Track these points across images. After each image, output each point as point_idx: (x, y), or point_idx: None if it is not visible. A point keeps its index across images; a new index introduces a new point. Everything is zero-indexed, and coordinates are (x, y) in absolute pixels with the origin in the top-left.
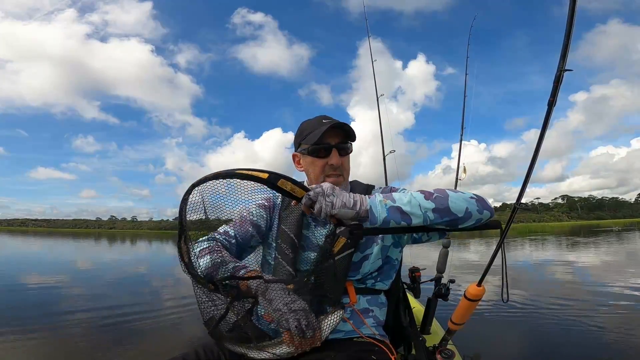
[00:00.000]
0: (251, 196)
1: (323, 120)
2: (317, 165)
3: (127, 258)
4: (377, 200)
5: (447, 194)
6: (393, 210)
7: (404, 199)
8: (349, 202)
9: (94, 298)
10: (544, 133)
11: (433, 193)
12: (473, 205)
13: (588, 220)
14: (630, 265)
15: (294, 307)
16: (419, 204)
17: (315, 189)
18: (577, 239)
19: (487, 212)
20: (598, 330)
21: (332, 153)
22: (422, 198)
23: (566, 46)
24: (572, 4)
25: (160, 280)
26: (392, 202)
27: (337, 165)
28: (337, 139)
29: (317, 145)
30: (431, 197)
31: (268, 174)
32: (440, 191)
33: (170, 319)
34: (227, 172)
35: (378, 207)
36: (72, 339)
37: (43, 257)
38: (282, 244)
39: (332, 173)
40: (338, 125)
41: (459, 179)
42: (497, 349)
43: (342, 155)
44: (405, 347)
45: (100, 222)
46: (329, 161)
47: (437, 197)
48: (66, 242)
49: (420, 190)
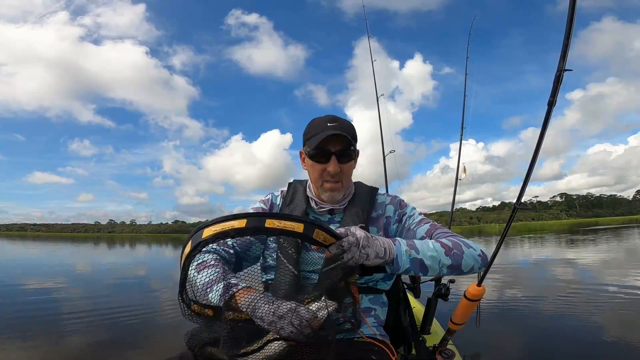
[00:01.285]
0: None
1: (328, 123)
2: (316, 170)
3: (127, 260)
4: (402, 250)
5: (462, 250)
6: (415, 262)
7: (427, 253)
8: (381, 252)
9: (93, 299)
10: (544, 133)
11: (452, 248)
12: (478, 263)
13: (586, 218)
14: (630, 263)
15: (281, 313)
16: (439, 260)
17: (348, 238)
18: (576, 237)
19: (483, 267)
20: (598, 329)
21: (330, 160)
22: (442, 253)
23: (566, 46)
24: (572, 4)
25: (158, 281)
26: (416, 253)
27: (335, 172)
28: (338, 145)
29: (317, 150)
30: (450, 253)
31: (303, 225)
32: (457, 245)
33: (168, 319)
34: (253, 227)
35: (403, 257)
36: (71, 341)
37: (45, 261)
38: (285, 244)
39: (330, 179)
40: (337, 133)
41: (459, 179)
42: (497, 349)
43: (342, 162)
44: (405, 347)
45: (99, 226)
46: (327, 168)
47: (455, 253)
48: (67, 247)
49: (440, 243)
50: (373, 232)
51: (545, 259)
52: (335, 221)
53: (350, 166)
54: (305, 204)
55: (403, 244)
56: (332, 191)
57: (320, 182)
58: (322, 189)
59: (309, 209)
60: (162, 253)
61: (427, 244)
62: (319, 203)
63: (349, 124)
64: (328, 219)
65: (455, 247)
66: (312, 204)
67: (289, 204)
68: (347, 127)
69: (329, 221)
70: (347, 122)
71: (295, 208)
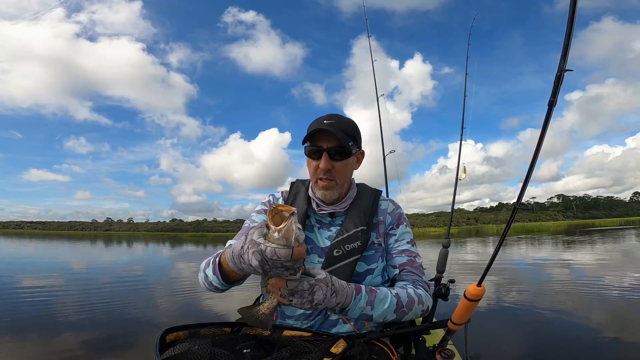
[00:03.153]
0: None
1: (325, 120)
2: (311, 167)
3: (126, 259)
4: (358, 306)
5: (412, 308)
6: (363, 316)
7: (379, 311)
8: (331, 305)
9: (92, 299)
10: (545, 133)
11: (404, 305)
12: (415, 317)
13: (583, 219)
14: (626, 264)
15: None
16: (385, 317)
17: (303, 283)
18: (574, 238)
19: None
20: (597, 329)
21: (322, 156)
22: (392, 310)
23: (566, 46)
24: (572, 4)
25: (156, 280)
26: (370, 310)
27: (325, 169)
28: (331, 142)
29: (310, 147)
30: (399, 311)
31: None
32: (411, 302)
33: (166, 319)
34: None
35: (354, 311)
36: (67, 340)
37: (46, 259)
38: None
39: (322, 177)
40: (324, 129)
41: (459, 179)
42: (497, 349)
43: (335, 159)
44: (405, 347)
45: (96, 224)
46: (319, 165)
47: (403, 311)
48: (65, 244)
49: (398, 295)
50: (373, 237)
51: (543, 260)
52: (336, 224)
53: (346, 165)
54: (306, 205)
55: (363, 299)
56: (325, 189)
57: (314, 180)
58: (317, 186)
59: (310, 210)
60: (160, 252)
61: (386, 301)
62: (320, 204)
63: (348, 123)
64: (329, 222)
65: (409, 304)
66: (313, 204)
67: (290, 205)
68: (343, 125)
69: (329, 224)
70: (347, 121)
71: (299, 207)
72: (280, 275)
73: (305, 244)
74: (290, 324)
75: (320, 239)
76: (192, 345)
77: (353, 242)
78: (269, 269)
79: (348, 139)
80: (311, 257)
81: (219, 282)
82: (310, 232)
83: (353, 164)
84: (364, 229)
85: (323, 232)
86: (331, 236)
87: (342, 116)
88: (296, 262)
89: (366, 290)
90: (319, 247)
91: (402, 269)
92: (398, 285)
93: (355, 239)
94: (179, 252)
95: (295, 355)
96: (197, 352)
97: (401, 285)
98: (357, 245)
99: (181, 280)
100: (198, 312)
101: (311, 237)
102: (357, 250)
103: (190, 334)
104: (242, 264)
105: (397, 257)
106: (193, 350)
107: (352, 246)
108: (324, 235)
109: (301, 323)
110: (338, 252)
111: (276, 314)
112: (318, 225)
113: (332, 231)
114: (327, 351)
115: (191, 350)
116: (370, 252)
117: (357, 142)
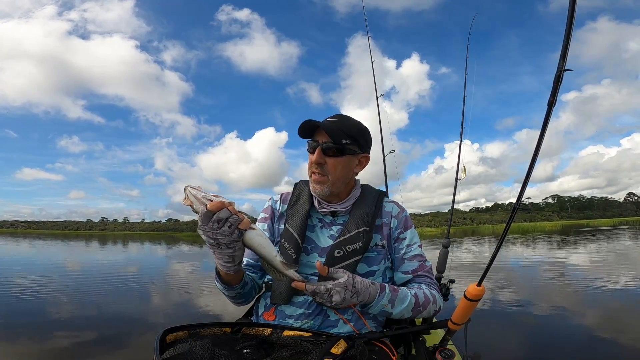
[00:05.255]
0: None
1: (328, 118)
2: (309, 160)
3: (120, 258)
4: (380, 304)
5: (427, 307)
6: (383, 313)
7: (398, 309)
8: (355, 301)
9: (92, 299)
10: (544, 133)
11: (420, 305)
12: (428, 315)
13: (578, 219)
14: (623, 263)
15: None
16: (402, 314)
17: (319, 287)
18: (572, 238)
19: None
20: (596, 329)
21: (316, 151)
22: (410, 309)
23: (566, 46)
24: (572, 4)
25: (156, 280)
26: (391, 308)
27: (315, 162)
28: (325, 137)
29: (308, 140)
30: (415, 310)
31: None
32: (427, 302)
33: (166, 319)
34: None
35: (376, 308)
36: (66, 341)
37: (42, 259)
38: (285, 244)
39: (315, 171)
40: (309, 125)
41: (459, 179)
42: (497, 349)
43: (329, 155)
44: (405, 347)
45: (91, 224)
46: (312, 158)
47: (419, 310)
48: (61, 244)
49: (416, 296)
50: (377, 239)
51: (541, 260)
52: (337, 223)
53: (339, 162)
54: (308, 204)
55: (386, 298)
56: (316, 183)
57: (309, 173)
58: (311, 180)
59: (311, 210)
60: (156, 252)
61: (405, 300)
62: (322, 202)
63: (351, 124)
64: (330, 221)
65: (425, 304)
66: (315, 203)
67: (293, 205)
68: (344, 125)
69: (331, 223)
70: (351, 122)
71: (298, 210)
72: (225, 234)
73: (235, 205)
74: (290, 323)
75: (321, 238)
76: (192, 346)
77: (354, 242)
78: (211, 233)
79: (344, 137)
80: (311, 256)
81: (222, 287)
82: (311, 232)
83: (351, 165)
84: (366, 230)
85: (325, 232)
86: (333, 235)
87: (350, 118)
88: (219, 212)
89: (390, 289)
90: (319, 246)
91: (416, 274)
92: (414, 285)
93: (357, 239)
94: (175, 252)
95: (296, 356)
96: (197, 352)
97: (417, 286)
98: (358, 246)
99: (180, 280)
100: (198, 312)
101: (312, 236)
102: (358, 251)
103: (190, 334)
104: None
105: (408, 263)
106: (193, 350)
107: (353, 247)
108: (326, 235)
109: (301, 323)
110: (339, 252)
111: (276, 314)
112: (320, 225)
113: (334, 230)
114: (328, 351)
115: (191, 351)
116: (372, 253)
117: (357, 143)
